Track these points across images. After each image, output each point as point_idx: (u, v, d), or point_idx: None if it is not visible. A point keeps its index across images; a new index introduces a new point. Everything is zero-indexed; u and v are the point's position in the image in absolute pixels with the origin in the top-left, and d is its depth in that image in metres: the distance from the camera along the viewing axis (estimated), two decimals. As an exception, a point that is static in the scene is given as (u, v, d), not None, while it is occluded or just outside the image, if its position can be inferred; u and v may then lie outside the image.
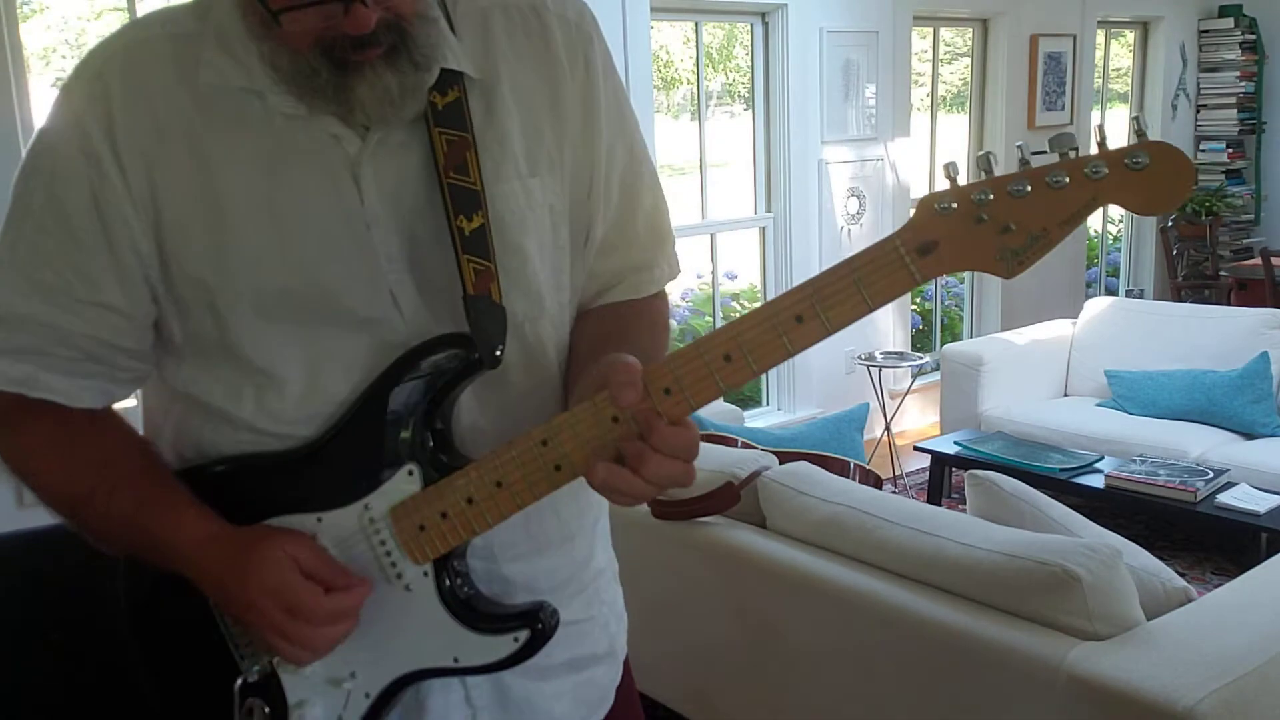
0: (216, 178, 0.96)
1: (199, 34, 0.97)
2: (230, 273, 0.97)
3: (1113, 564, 1.86)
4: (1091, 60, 6.36)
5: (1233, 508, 3.59)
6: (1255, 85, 7.12)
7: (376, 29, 0.90)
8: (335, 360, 1.00)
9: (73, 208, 0.97)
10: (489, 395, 1.04)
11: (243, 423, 1.02)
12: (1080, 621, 1.82)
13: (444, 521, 0.97)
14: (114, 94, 0.96)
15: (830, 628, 2.18)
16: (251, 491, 1.02)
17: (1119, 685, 1.70)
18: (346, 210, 0.98)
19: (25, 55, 3.15)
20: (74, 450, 1.03)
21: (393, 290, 1.00)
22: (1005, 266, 0.86)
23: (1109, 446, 4.22)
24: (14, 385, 1.00)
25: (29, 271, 0.98)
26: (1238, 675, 1.68)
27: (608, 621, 1.20)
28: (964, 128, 6.05)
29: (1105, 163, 0.82)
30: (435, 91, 0.98)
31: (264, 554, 0.95)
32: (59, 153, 0.97)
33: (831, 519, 2.23)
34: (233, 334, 0.99)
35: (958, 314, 6.56)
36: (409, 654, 1.00)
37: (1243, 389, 4.25)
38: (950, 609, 1.97)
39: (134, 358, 1.03)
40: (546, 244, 1.05)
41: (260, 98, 0.96)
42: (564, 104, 1.05)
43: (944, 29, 5.89)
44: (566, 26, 1.06)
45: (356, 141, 0.97)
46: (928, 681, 2.01)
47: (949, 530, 2.07)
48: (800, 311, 0.88)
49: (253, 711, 1.02)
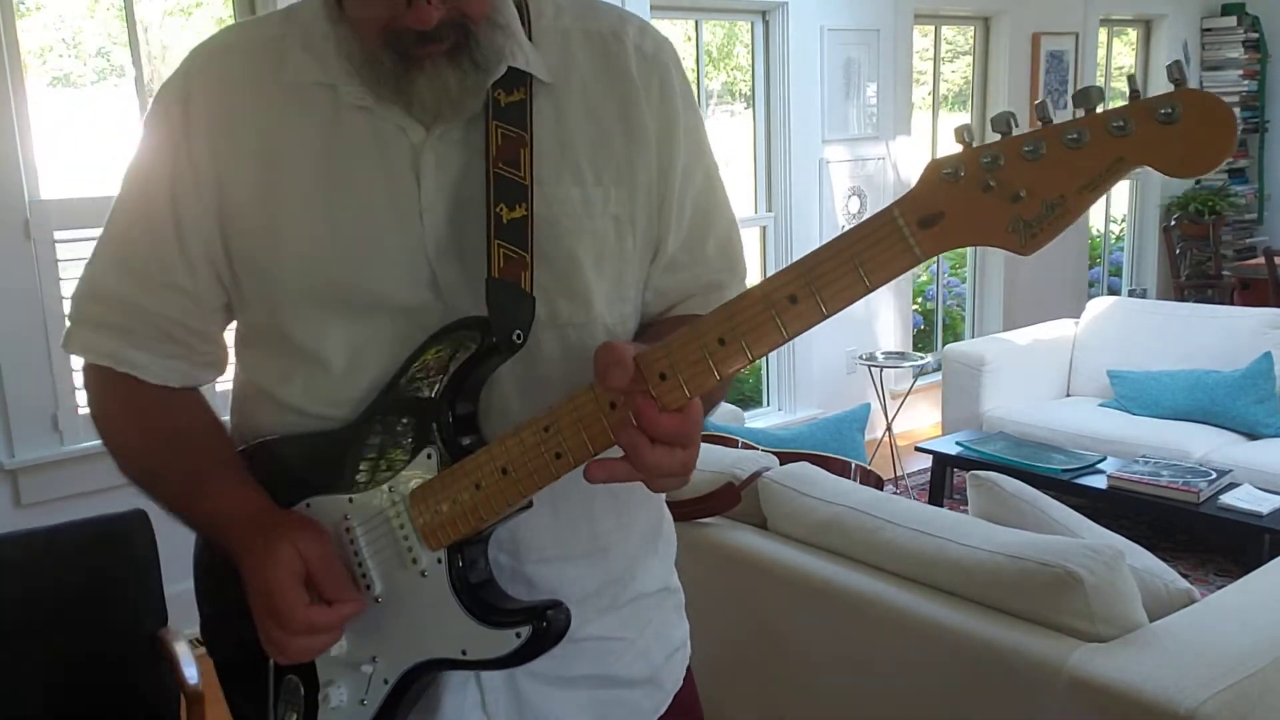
0: (279, 167, 1.02)
1: (283, 36, 1.04)
2: (282, 258, 1.03)
3: (1115, 565, 1.85)
4: (1094, 59, 6.35)
5: (1236, 508, 3.58)
6: (1258, 84, 7.11)
7: (439, 26, 0.93)
8: (375, 345, 1.03)
9: (153, 195, 1.05)
10: (528, 388, 1.04)
11: (290, 405, 1.07)
12: (1082, 623, 1.82)
13: (454, 507, 0.97)
14: (195, 92, 1.04)
15: (831, 629, 2.17)
16: (294, 471, 1.06)
17: (1121, 687, 1.69)
18: (402, 199, 1.01)
19: (22, 53, 3.15)
20: (148, 425, 1.09)
21: (437, 279, 1.02)
22: (1018, 239, 0.77)
23: (1111, 447, 4.21)
24: (103, 359, 1.08)
25: (120, 254, 1.08)
26: (1241, 677, 1.67)
27: (649, 649, 1.17)
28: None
29: (1132, 117, 0.72)
30: (500, 89, 1.01)
31: (274, 547, 0.97)
32: (146, 145, 1.07)
33: (832, 520, 2.22)
34: (283, 317, 1.04)
35: (959, 314, 6.55)
36: (423, 642, 1.00)
37: (1246, 389, 4.24)
38: (952, 610, 1.96)
39: (206, 340, 1.11)
40: (608, 253, 1.06)
41: (332, 90, 1.01)
42: (637, 122, 1.07)
43: (945, 27, 5.88)
44: (643, 56, 1.09)
45: (420, 132, 1.01)
46: (929, 683, 2.00)
47: (950, 531, 2.06)
48: (794, 291, 0.83)
49: (288, 686, 1.06)
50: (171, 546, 2.56)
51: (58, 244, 3.21)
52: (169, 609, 2.29)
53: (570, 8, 1.09)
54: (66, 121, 3.38)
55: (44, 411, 3.23)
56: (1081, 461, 4.03)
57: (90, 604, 2.21)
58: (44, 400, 3.23)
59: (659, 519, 1.21)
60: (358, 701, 1.02)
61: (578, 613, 1.02)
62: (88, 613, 2.20)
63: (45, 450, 3.24)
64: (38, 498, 3.22)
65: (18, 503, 3.22)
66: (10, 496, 3.22)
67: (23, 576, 2.18)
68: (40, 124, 3.22)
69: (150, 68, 3.42)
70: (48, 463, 3.24)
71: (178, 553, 3.16)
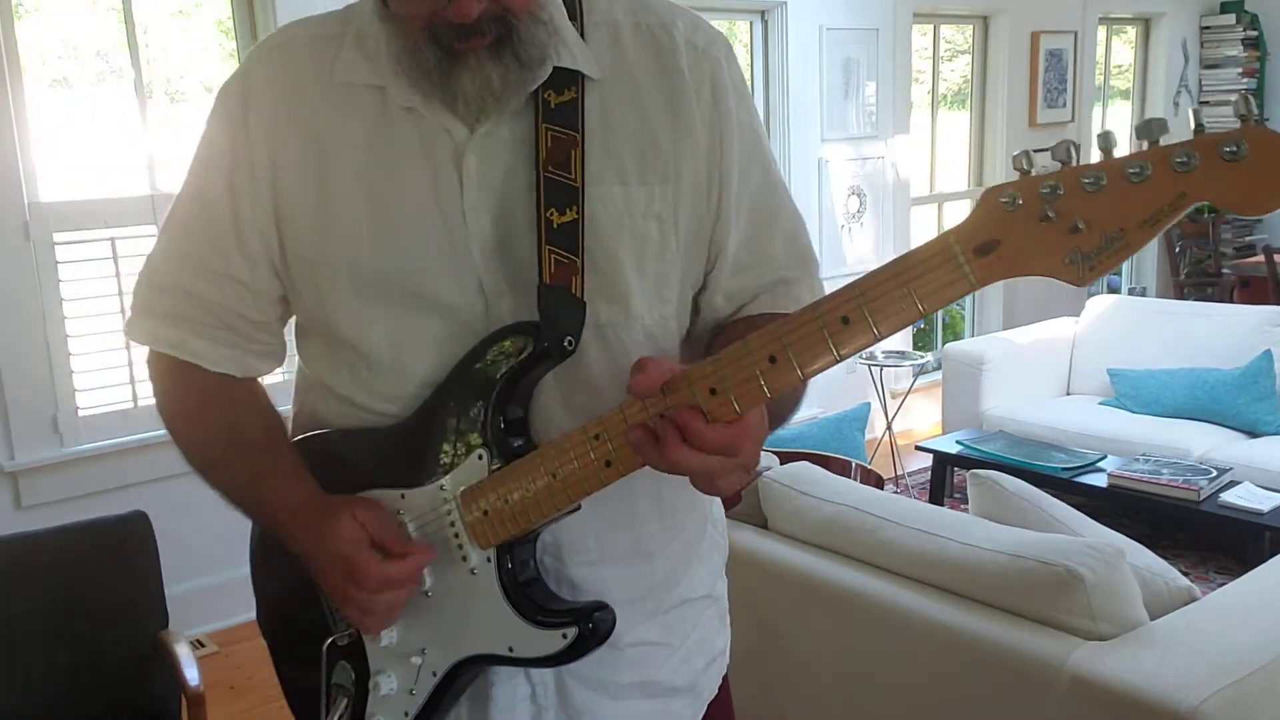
0: (329, 164, 1.04)
1: (340, 35, 1.06)
2: (331, 252, 1.04)
3: (1116, 564, 1.85)
4: (1093, 57, 6.35)
5: (1236, 506, 3.58)
6: (1257, 81, 7.11)
7: (481, 19, 0.93)
8: (418, 341, 1.04)
9: (212, 187, 1.07)
10: (571, 389, 1.05)
11: (343, 397, 1.09)
12: (1083, 621, 1.81)
13: (504, 508, 0.98)
14: (254, 87, 1.07)
15: (831, 628, 2.17)
16: (350, 463, 1.08)
17: (1122, 685, 1.69)
18: (446, 199, 1.02)
19: (21, 55, 3.15)
20: (208, 414, 1.12)
21: (481, 278, 1.03)
22: (1075, 271, 0.75)
23: (1112, 445, 4.21)
24: (168, 347, 1.11)
25: (182, 245, 1.10)
26: (1242, 675, 1.67)
27: (691, 656, 1.17)
28: (965, 125, 6.03)
29: (1196, 152, 0.70)
30: (550, 90, 1.01)
31: (336, 520, 1.00)
32: (207, 139, 1.09)
33: (833, 519, 2.22)
34: (330, 310, 1.06)
35: (959, 312, 6.55)
36: (471, 638, 1.02)
37: (1246, 387, 4.24)
38: (953, 609, 1.96)
39: (263, 331, 1.13)
40: (649, 253, 1.05)
41: (382, 92, 1.03)
42: (686, 118, 1.05)
43: (944, 26, 5.88)
44: (694, 50, 1.07)
45: (464, 132, 1.02)
46: (930, 682, 2.00)
47: (951, 530, 2.06)
48: (847, 312, 0.82)
49: (340, 672, 1.09)
50: (172, 548, 2.57)
51: (57, 246, 3.21)
52: (169, 610, 2.29)
53: (623, 1, 1.08)
54: (66, 124, 3.38)
55: (44, 414, 3.23)
56: (1082, 460, 4.03)
57: (91, 606, 2.20)
58: (44, 402, 3.23)
59: (704, 524, 1.20)
60: (407, 691, 1.05)
61: (622, 616, 1.03)
62: (88, 615, 2.20)
63: (45, 452, 3.24)
64: (38, 500, 3.22)
65: (18, 505, 3.22)
66: (11, 499, 3.22)
67: (23, 579, 2.18)
68: (39, 126, 3.22)
69: (149, 70, 3.42)
70: (48, 465, 3.24)
71: (178, 555, 3.18)
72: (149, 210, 3.36)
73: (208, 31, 3.60)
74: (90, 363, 3.31)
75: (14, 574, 2.17)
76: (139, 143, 3.42)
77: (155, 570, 2.27)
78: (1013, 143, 5.92)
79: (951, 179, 6.07)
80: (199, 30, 3.57)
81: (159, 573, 2.27)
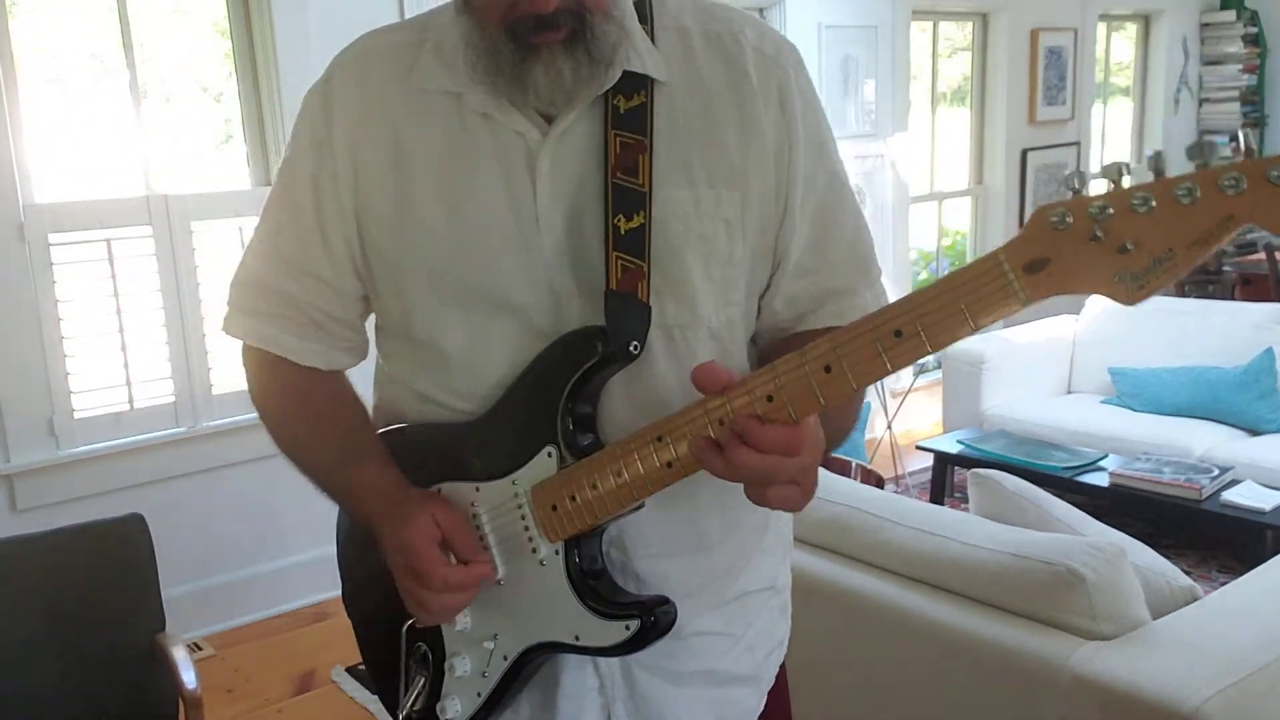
0: (407, 167, 1.08)
1: (419, 43, 1.10)
2: (409, 253, 1.09)
3: (1117, 563, 1.85)
4: (1092, 54, 6.34)
5: (1238, 505, 3.57)
6: (1257, 78, 7.10)
7: (558, 12, 0.97)
8: (490, 342, 1.09)
9: (299, 189, 1.13)
10: (637, 389, 1.08)
11: (421, 393, 1.14)
12: (1085, 621, 1.81)
13: (571, 504, 1.03)
14: (336, 92, 1.11)
15: (832, 628, 2.16)
16: (428, 456, 1.13)
17: (1124, 685, 1.69)
18: (519, 203, 1.06)
19: (14, 55, 3.14)
20: (299, 405, 1.19)
21: (551, 281, 1.06)
22: (1124, 290, 0.77)
23: (1113, 444, 4.21)
24: (260, 342, 1.17)
25: (273, 244, 1.16)
26: (1244, 674, 1.66)
27: (753, 646, 1.22)
28: (964, 123, 6.03)
29: (1244, 175, 0.72)
30: (620, 95, 1.04)
31: (413, 514, 1.06)
32: (295, 142, 1.14)
33: (833, 519, 2.21)
34: (408, 308, 1.11)
35: (960, 311, 6.53)
36: (539, 625, 1.08)
37: (1247, 385, 4.23)
38: (954, 609, 1.95)
39: (347, 328, 1.18)
40: (716, 256, 1.07)
41: (458, 98, 1.07)
42: (753, 125, 1.08)
43: (944, 23, 5.87)
44: (763, 58, 1.10)
45: (537, 136, 1.05)
46: (930, 682, 2.00)
47: (952, 530, 2.05)
48: (900, 326, 0.85)
49: (418, 653, 1.16)
50: (168, 551, 2.56)
51: (52, 247, 3.20)
52: (166, 613, 2.28)
53: (692, 8, 1.11)
54: (61, 124, 3.37)
55: (40, 416, 3.22)
56: (1083, 459, 4.02)
57: (88, 609, 2.20)
58: (40, 405, 3.22)
59: (767, 518, 1.23)
60: (479, 673, 1.12)
61: (684, 608, 1.09)
62: (85, 618, 2.19)
63: (41, 455, 3.23)
64: (34, 503, 3.21)
65: (14, 508, 3.21)
66: (6, 501, 3.21)
67: (20, 582, 2.17)
68: (34, 126, 3.21)
69: (145, 70, 3.41)
70: (44, 467, 3.23)
71: (175, 557, 3.17)
72: (144, 211, 3.35)
73: (203, 32, 3.59)
74: (86, 365, 3.30)
75: (10, 577, 2.16)
76: (134, 143, 3.41)
77: (152, 573, 2.26)
78: (1012, 140, 5.91)
79: (951, 177, 6.06)
80: (194, 30, 3.56)
81: (155, 575, 2.27)
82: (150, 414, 3.42)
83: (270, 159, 3.63)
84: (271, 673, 3.25)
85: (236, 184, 3.62)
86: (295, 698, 3.09)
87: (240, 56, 3.55)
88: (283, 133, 3.57)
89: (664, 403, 1.06)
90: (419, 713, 1.15)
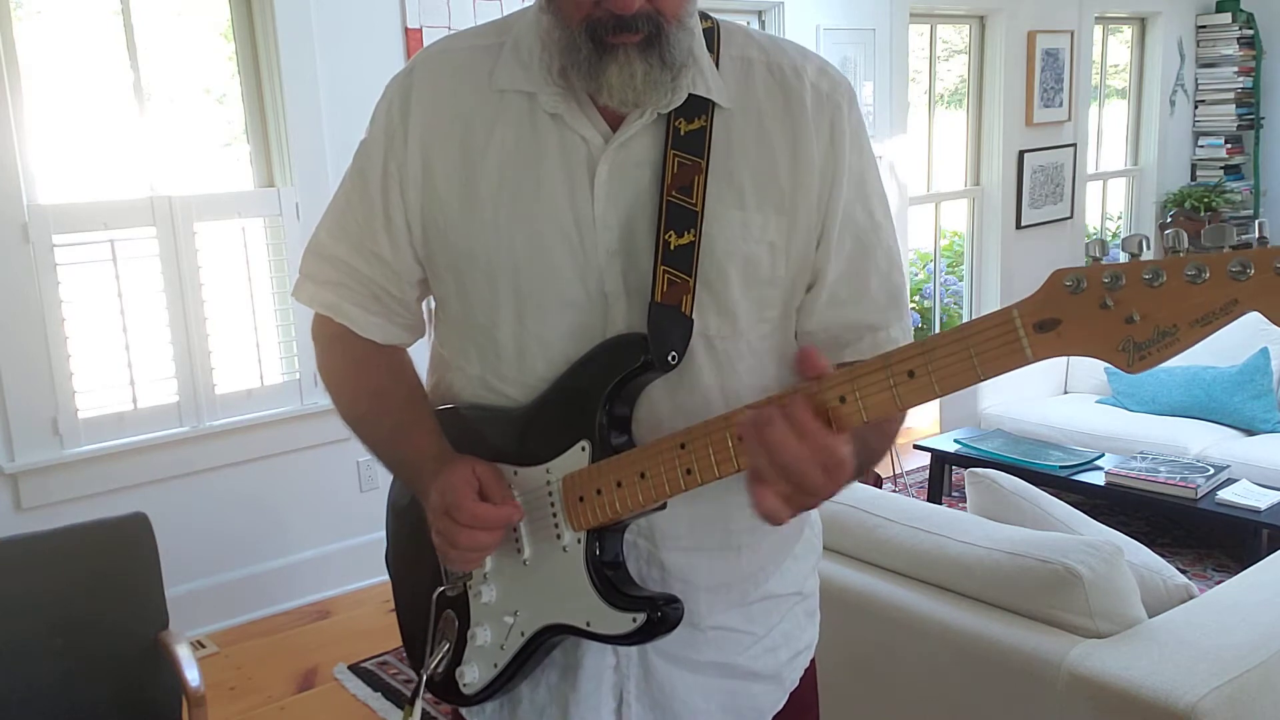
0: (476, 163, 1.12)
1: (498, 45, 1.15)
2: (472, 244, 1.13)
3: (1114, 561, 1.86)
4: (1089, 56, 6.35)
5: (1233, 504, 3.59)
6: (1253, 80, 7.12)
7: (637, 15, 1.01)
8: (541, 335, 1.13)
9: (369, 173, 1.18)
10: (679, 392, 1.13)
11: (473, 376, 1.20)
12: (1081, 619, 1.82)
13: (598, 497, 1.08)
14: (414, 87, 1.16)
15: (829, 627, 2.17)
16: (475, 438, 1.19)
17: (1120, 683, 1.70)
18: (579, 203, 1.10)
19: (19, 57, 3.15)
20: (359, 377, 1.25)
21: (603, 281, 1.11)
22: (1126, 358, 0.80)
23: (1109, 444, 4.22)
24: (324, 308, 1.23)
25: (342, 220, 1.22)
26: (1240, 672, 1.67)
27: (776, 646, 1.26)
28: (962, 124, 6.04)
29: (1252, 262, 0.74)
30: (681, 118, 1.09)
31: (456, 465, 1.13)
32: (374, 126, 1.19)
33: (831, 518, 2.22)
34: (467, 298, 1.16)
35: (957, 311, 6.56)
36: (556, 607, 1.13)
37: (1243, 385, 4.25)
38: (951, 607, 1.96)
39: (403, 306, 1.23)
40: (756, 275, 1.12)
41: (532, 98, 1.11)
42: (804, 156, 1.12)
43: (941, 26, 5.88)
44: (818, 94, 1.14)
45: (600, 141, 1.10)
46: (927, 680, 2.01)
47: (949, 528, 2.06)
48: (913, 367, 0.89)
49: (446, 621, 1.22)
50: (172, 549, 2.58)
51: (56, 248, 3.21)
52: (170, 611, 2.29)
53: (759, 40, 1.16)
54: (65, 125, 3.38)
55: (44, 415, 3.23)
56: (1079, 458, 4.04)
57: (91, 607, 2.21)
58: (44, 404, 3.23)
59: (801, 525, 1.29)
60: (498, 645, 1.18)
61: (706, 601, 1.17)
62: (89, 616, 2.20)
63: (45, 454, 3.24)
64: (38, 501, 3.22)
65: (18, 507, 3.22)
66: (11, 500, 3.22)
67: (24, 580, 2.18)
68: (38, 128, 3.22)
69: (148, 72, 3.42)
70: (48, 466, 3.24)
71: (178, 556, 3.18)
72: (148, 212, 3.36)
73: (206, 34, 3.61)
74: (90, 365, 3.31)
75: (14, 576, 2.17)
76: (138, 145, 3.42)
77: (155, 571, 2.27)
78: (1009, 142, 5.92)
79: (948, 179, 6.07)
80: (198, 33, 3.58)
81: (159, 574, 2.28)
82: (154, 414, 3.43)
83: (273, 160, 3.64)
84: (274, 670, 3.25)
85: (239, 185, 3.63)
86: (297, 695, 3.09)
87: (243, 59, 3.56)
88: (285, 134, 3.58)
89: (703, 408, 1.11)
90: (440, 674, 1.22)
